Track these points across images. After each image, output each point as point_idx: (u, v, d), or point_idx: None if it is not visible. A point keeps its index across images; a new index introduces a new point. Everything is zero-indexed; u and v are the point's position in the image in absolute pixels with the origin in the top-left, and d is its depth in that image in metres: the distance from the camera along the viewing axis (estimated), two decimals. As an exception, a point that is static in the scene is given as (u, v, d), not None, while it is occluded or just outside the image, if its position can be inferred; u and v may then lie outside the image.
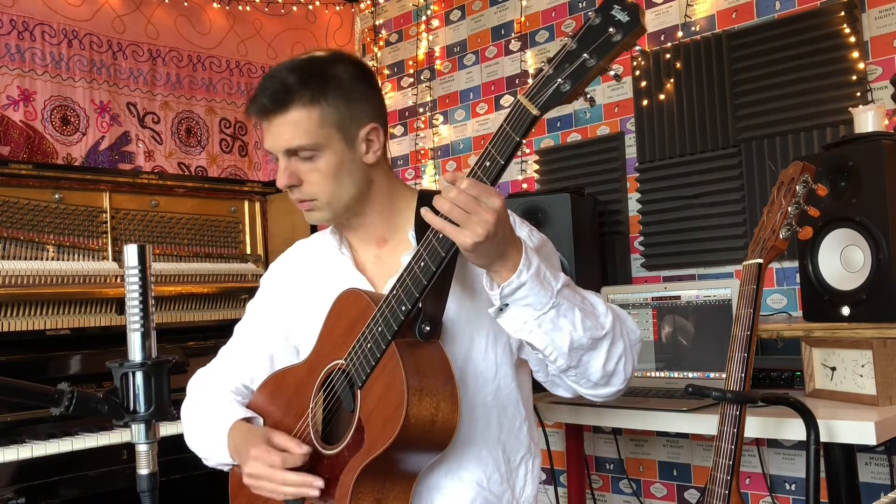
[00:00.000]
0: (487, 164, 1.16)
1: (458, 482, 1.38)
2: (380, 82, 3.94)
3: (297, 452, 1.33)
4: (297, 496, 1.31)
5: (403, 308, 1.23)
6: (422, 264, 1.22)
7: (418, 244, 1.24)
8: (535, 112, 1.13)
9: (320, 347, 1.42)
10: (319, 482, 1.30)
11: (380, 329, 1.26)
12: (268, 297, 1.63)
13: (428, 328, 1.26)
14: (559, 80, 1.11)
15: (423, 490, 1.36)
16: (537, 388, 1.53)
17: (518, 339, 1.32)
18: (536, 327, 1.22)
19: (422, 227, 1.25)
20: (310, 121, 1.37)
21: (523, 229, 1.45)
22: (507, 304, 1.22)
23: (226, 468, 1.55)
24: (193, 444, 1.57)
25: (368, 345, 1.27)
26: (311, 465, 1.35)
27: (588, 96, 1.14)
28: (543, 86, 1.12)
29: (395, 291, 1.25)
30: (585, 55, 1.10)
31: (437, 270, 1.21)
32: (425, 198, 1.44)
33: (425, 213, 1.19)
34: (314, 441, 1.37)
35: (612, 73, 1.13)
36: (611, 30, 1.08)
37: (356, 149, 1.41)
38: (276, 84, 1.38)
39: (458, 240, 1.15)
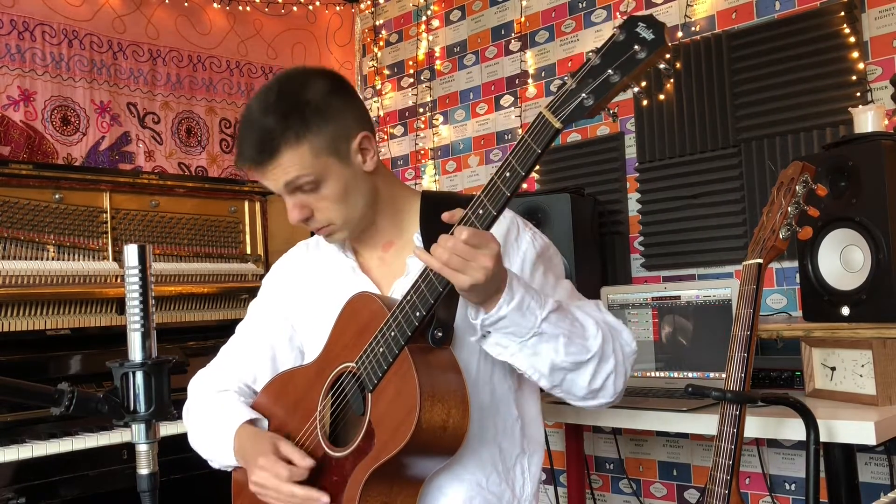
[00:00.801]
0: (508, 174, 1.16)
1: (458, 482, 1.39)
2: (379, 83, 4.00)
3: (302, 466, 1.33)
4: None
5: (418, 314, 1.23)
6: None
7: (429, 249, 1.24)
8: (557, 125, 1.12)
9: (329, 349, 1.42)
10: (325, 498, 1.30)
11: (393, 334, 1.25)
12: (270, 297, 1.62)
13: (440, 334, 1.27)
14: (582, 94, 1.11)
15: (426, 490, 1.36)
16: (537, 388, 1.53)
17: None
18: (518, 351, 1.26)
19: (428, 231, 1.25)
20: (302, 157, 1.34)
21: (526, 233, 1.45)
22: (489, 332, 1.25)
23: (230, 469, 1.54)
24: (198, 446, 1.56)
25: (381, 349, 1.27)
26: (320, 466, 1.35)
27: (611, 111, 1.14)
28: (567, 100, 1.12)
29: (409, 297, 1.24)
30: (610, 71, 1.10)
31: None
32: (429, 199, 1.45)
33: (421, 254, 1.20)
34: (322, 443, 1.37)
35: (634, 89, 1.13)
36: (636, 47, 1.08)
37: (353, 163, 1.40)
38: (258, 133, 1.34)
39: (456, 281, 1.17)
